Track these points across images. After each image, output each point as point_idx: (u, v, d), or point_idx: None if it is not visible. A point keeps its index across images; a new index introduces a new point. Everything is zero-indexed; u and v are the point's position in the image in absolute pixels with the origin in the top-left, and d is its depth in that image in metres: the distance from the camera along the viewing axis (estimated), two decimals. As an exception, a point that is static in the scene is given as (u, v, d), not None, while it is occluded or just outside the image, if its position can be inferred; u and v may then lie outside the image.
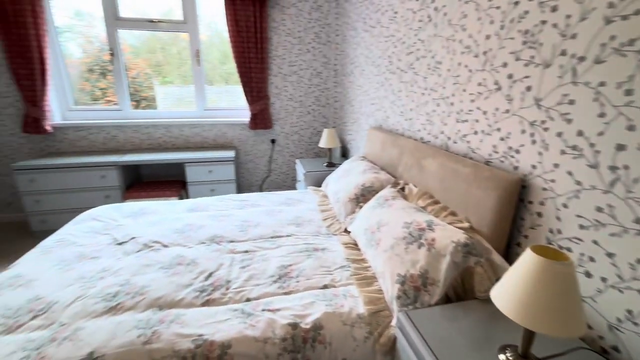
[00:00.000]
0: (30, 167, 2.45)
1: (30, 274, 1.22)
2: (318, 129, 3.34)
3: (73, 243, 1.47)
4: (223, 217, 1.74)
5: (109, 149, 2.94)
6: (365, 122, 2.48)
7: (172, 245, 1.46)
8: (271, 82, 3.10)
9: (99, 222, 1.69)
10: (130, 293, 1.11)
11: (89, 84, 3.03)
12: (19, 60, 2.50)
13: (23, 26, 2.44)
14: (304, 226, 1.66)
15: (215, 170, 2.78)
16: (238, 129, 3.16)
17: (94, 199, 2.60)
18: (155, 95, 3.19)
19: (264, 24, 2.85)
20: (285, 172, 3.40)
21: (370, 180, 1.71)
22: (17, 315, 1.01)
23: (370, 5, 2.22)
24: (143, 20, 2.84)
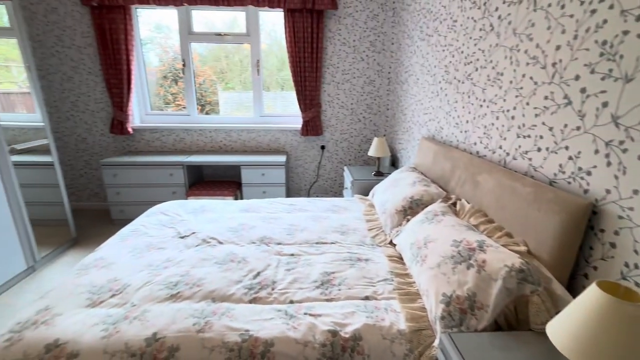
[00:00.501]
0: (114, 164, 2.83)
1: (111, 257, 1.42)
2: (368, 137, 3.33)
3: (145, 233, 1.67)
4: (272, 220, 1.84)
5: (177, 149, 3.27)
6: (417, 132, 2.42)
7: (227, 242, 1.58)
8: (324, 90, 3.19)
9: (166, 216, 1.89)
10: (189, 284, 1.23)
11: (163, 89, 3.40)
12: (111, 71, 2.92)
13: (117, 42, 2.85)
14: (349, 235, 1.67)
15: (267, 173, 2.93)
16: (290, 134, 3.30)
17: (162, 194, 2.91)
18: (218, 100, 3.47)
19: (320, 35, 2.94)
20: (333, 178, 3.45)
21: (420, 193, 1.67)
22: (100, 292, 1.19)
23: (427, 14, 2.17)
24: (211, 34, 3.12)
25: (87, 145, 3.20)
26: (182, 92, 3.31)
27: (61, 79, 3.01)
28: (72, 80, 3.02)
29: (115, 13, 2.79)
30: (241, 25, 3.13)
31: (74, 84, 3.03)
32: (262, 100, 3.29)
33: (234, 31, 3.15)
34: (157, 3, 2.77)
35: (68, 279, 1.26)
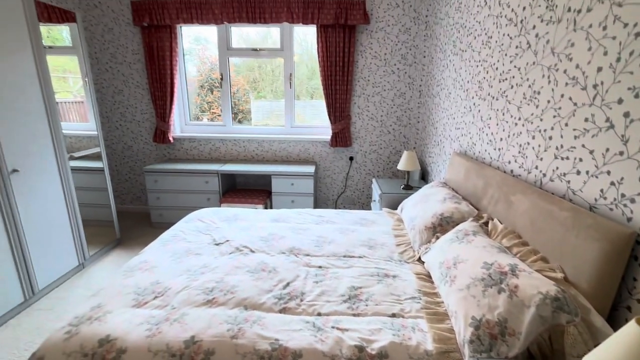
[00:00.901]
0: (156, 170, 3.04)
1: (153, 261, 1.54)
2: (397, 149, 3.32)
3: (183, 239, 1.79)
4: (301, 231, 1.89)
5: (212, 158, 3.45)
6: (448, 147, 2.39)
7: (258, 251, 1.65)
8: (354, 103, 3.23)
9: (203, 222, 2.01)
10: (223, 290, 1.30)
11: (199, 98, 3.61)
12: (156, 85, 3.15)
13: (162, 58, 3.08)
14: (376, 249, 1.69)
15: (296, 183, 3.01)
16: (319, 145, 3.36)
17: (198, 200, 3.08)
18: (251, 108, 3.63)
19: (351, 49, 3.00)
20: (361, 189, 3.47)
21: (450, 211, 1.66)
22: (144, 294, 1.29)
23: (461, 29, 2.16)
24: (248, 50, 3.28)
25: (132, 153, 3.46)
26: (217, 101, 3.50)
27: (113, 92, 3.30)
28: (122, 93, 3.30)
29: (162, 32, 3.03)
30: (275, 39, 3.27)
31: (123, 96, 3.31)
32: (293, 111, 3.40)
33: (268, 43, 3.31)
34: (200, 22, 2.98)
35: (116, 279, 1.39)
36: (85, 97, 2.70)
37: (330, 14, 2.87)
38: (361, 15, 2.87)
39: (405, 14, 2.99)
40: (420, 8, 2.95)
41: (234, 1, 2.91)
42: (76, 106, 2.89)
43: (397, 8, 2.98)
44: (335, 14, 2.87)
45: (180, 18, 2.96)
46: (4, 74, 1.83)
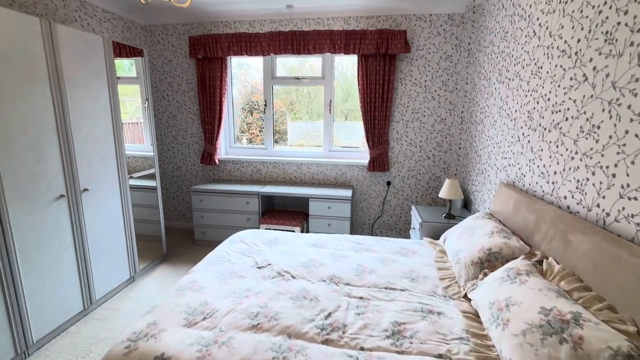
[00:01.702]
0: (201, 190, 3.22)
1: (202, 281, 1.62)
2: (437, 175, 3.25)
3: (228, 260, 1.86)
4: (340, 258, 1.90)
5: (254, 179, 3.60)
6: (494, 176, 2.31)
7: (299, 277, 1.68)
8: (392, 128, 3.25)
9: (245, 245, 2.08)
10: (267, 316, 1.34)
11: (239, 119, 3.82)
12: (206, 111, 3.40)
13: (212, 86, 3.34)
14: (419, 282, 1.64)
15: (333, 207, 3.04)
16: (357, 169, 3.39)
17: (238, 220, 3.21)
18: (287, 128, 3.77)
19: (391, 76, 3.05)
20: (398, 215, 3.41)
21: (499, 246, 1.58)
22: (194, 314, 1.36)
23: (507, 57, 2.13)
24: (291, 78, 3.46)
25: (181, 173, 3.72)
26: (256, 122, 3.71)
27: (167, 117, 3.61)
28: (175, 118, 3.59)
29: (214, 63, 3.30)
30: (312, 63, 3.43)
31: (176, 121, 3.60)
32: (331, 136, 3.48)
33: (305, 68, 3.48)
34: (249, 54, 3.21)
35: (169, 297, 1.48)
36: (142, 119, 2.98)
37: (371, 44, 2.96)
38: (402, 44, 2.93)
39: (447, 42, 3.00)
40: (462, 36, 2.96)
41: (280, 35, 3.11)
42: (132, 127, 3.18)
43: (438, 36, 3.01)
44: (377, 44, 2.95)
45: (231, 51, 3.21)
46: (84, 103, 2.09)
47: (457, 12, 2.94)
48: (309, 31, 3.06)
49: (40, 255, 1.84)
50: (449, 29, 2.98)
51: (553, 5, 1.63)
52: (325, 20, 3.14)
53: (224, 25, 3.30)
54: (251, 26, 3.26)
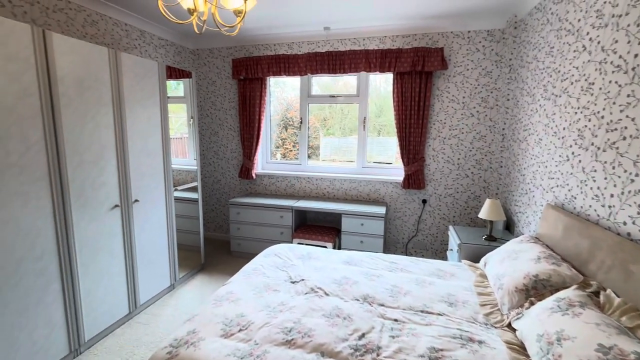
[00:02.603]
0: (239, 203, 3.35)
1: (238, 293, 1.67)
2: (476, 194, 3.12)
3: (262, 274, 1.91)
4: (374, 277, 1.87)
5: (287, 194, 3.68)
6: (540, 197, 2.17)
7: (332, 294, 1.67)
8: (429, 145, 3.19)
9: (280, 258, 2.13)
10: (301, 332, 1.34)
11: (275, 134, 3.95)
12: (246, 128, 3.58)
13: (252, 105, 3.52)
14: (458, 307, 1.57)
15: (366, 224, 3.01)
16: (391, 186, 3.35)
17: (272, 233, 3.28)
18: (320, 144, 3.83)
19: (427, 93, 3.03)
20: (434, 235, 3.29)
21: (547, 273, 1.47)
22: (230, 325, 1.40)
23: (554, 73, 2.04)
24: (326, 96, 3.55)
25: (219, 186, 3.90)
26: (290, 138, 3.82)
27: (210, 134, 3.84)
28: (217, 135, 3.81)
29: (254, 83, 3.49)
30: (346, 80, 3.49)
31: (218, 137, 3.82)
32: (365, 153, 3.49)
33: (339, 85, 3.55)
34: (287, 74, 3.35)
35: (207, 307, 1.54)
36: (187, 135, 3.20)
37: (407, 62, 2.98)
38: (439, 61, 2.91)
39: (487, 58, 2.93)
40: (503, 52, 2.88)
41: (317, 56, 3.22)
42: (176, 142, 3.42)
43: (477, 52, 2.95)
44: (413, 62, 2.96)
45: (270, 71, 3.38)
46: (139, 122, 2.30)
47: (497, 28, 2.87)
48: (345, 51, 3.15)
49: (95, 260, 2.01)
50: (488, 45, 2.92)
51: (605, 20, 1.55)
52: (361, 40, 3.21)
53: (265, 48, 3.49)
54: (290, 48, 3.42)
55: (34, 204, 1.66)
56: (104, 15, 2.63)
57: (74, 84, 1.83)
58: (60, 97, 1.76)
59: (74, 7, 2.39)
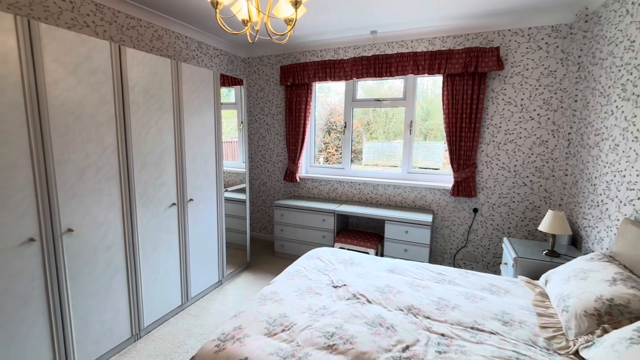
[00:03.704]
0: (283, 206, 3.44)
1: (281, 293, 1.71)
2: (536, 204, 2.85)
3: (305, 276, 1.93)
4: (419, 288, 1.79)
5: (330, 198, 3.70)
6: (615, 210, 1.92)
7: (375, 302, 1.64)
8: (481, 150, 3.00)
9: (322, 262, 2.14)
10: (343, 338, 1.33)
11: (318, 139, 3.98)
12: (291, 132, 3.67)
13: (298, 110, 3.60)
14: (513, 327, 1.44)
15: (411, 231, 2.90)
16: (438, 193, 3.20)
17: (314, 237, 3.31)
18: (362, 148, 3.78)
19: (481, 96, 2.85)
20: (485, 246, 3.07)
21: (625, 297, 1.29)
22: (274, 324, 1.44)
23: (635, 71, 1.80)
24: (371, 100, 3.51)
25: (265, 188, 4.05)
26: (332, 142, 3.83)
27: (258, 138, 4.00)
28: (265, 139, 3.96)
29: (301, 89, 3.57)
30: (391, 84, 3.41)
31: (265, 142, 3.97)
32: (411, 157, 3.38)
33: (384, 88, 3.47)
34: (332, 79, 3.39)
35: (253, 305, 1.59)
36: (237, 139, 3.37)
37: (458, 64, 2.84)
38: (494, 62, 2.73)
39: (550, 56, 2.68)
40: (570, 48, 2.61)
41: (363, 60, 3.21)
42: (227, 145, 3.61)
43: (538, 51, 2.71)
44: (464, 63, 2.81)
45: (316, 77, 3.43)
46: (195, 126, 2.48)
47: (564, 23, 2.62)
48: (392, 54, 3.09)
49: (154, 253, 2.19)
50: (552, 42, 2.67)
51: None
52: (408, 43, 3.13)
53: (311, 54, 3.56)
54: (336, 53, 3.45)
55: (107, 200, 1.87)
56: (168, 29, 2.88)
57: (142, 93, 2.03)
58: (131, 104, 1.96)
59: (144, 24, 2.66)
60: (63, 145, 1.64)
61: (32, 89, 1.50)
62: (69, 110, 1.65)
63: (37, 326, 1.59)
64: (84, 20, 2.24)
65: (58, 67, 1.59)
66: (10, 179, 1.46)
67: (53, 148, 1.60)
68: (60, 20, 2.11)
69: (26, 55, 1.48)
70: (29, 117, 1.50)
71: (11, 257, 1.48)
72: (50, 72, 1.56)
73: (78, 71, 1.68)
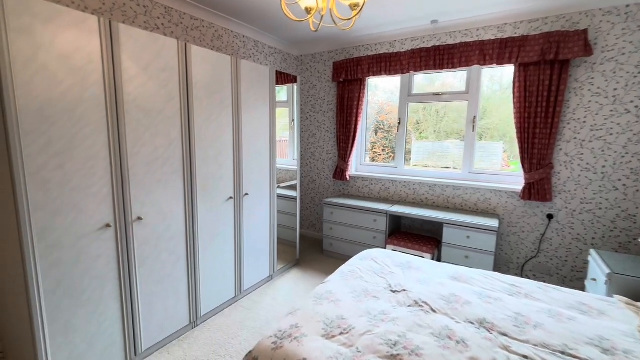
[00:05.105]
0: (333, 204, 3.38)
1: (337, 293, 1.64)
2: (630, 212, 2.43)
3: (360, 277, 1.84)
4: (490, 300, 1.60)
5: (381, 197, 3.55)
6: None
7: (440, 312, 1.49)
8: (559, 149, 2.64)
9: (377, 264, 2.02)
10: (408, 349, 1.22)
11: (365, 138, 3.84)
12: (342, 129, 3.59)
13: (350, 107, 3.51)
14: (617, 357, 1.20)
15: (473, 237, 2.66)
16: (505, 196, 2.89)
17: (364, 237, 3.20)
18: (411, 148, 3.57)
19: (561, 86, 2.51)
20: (562, 258, 2.70)
21: None
22: (331, 326, 1.37)
23: None
24: (429, 94, 3.30)
25: (314, 186, 4.02)
26: (379, 142, 3.70)
27: (308, 136, 4.00)
28: (315, 137, 3.94)
29: (353, 85, 3.48)
30: (447, 84, 3.16)
31: (315, 139, 3.94)
32: (473, 156, 3.10)
33: (437, 86, 3.22)
34: (388, 73, 3.24)
35: (309, 304, 1.54)
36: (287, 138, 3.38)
37: (534, 51, 2.52)
38: (580, 47, 2.38)
39: (655, 37, 2.27)
40: (683, 26, 2.18)
41: (422, 51, 3.02)
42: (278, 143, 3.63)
43: (639, 32, 2.31)
44: (542, 50, 2.50)
45: (370, 72, 3.32)
46: (253, 122, 2.51)
47: (676, -4, 2.19)
48: (455, 44, 2.86)
49: (212, 245, 2.26)
50: (659, 20, 2.25)
51: None
52: (474, 31, 2.87)
53: (365, 49, 3.45)
54: (391, 46, 3.30)
55: (171, 191, 1.96)
56: (227, 29, 2.98)
57: (204, 89, 2.10)
58: (194, 100, 2.03)
59: (205, 25, 2.78)
60: (135, 138, 1.74)
61: (111, 85, 1.61)
62: (141, 105, 1.75)
63: (110, 307, 1.71)
64: (155, 22, 2.39)
65: (133, 64, 1.70)
66: (92, 168, 1.57)
67: (127, 141, 1.70)
68: (134, 24, 2.27)
69: (107, 54, 1.58)
70: (109, 111, 1.61)
71: (92, 240, 1.60)
72: (126, 70, 1.67)
73: (150, 68, 1.77)
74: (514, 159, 3.09)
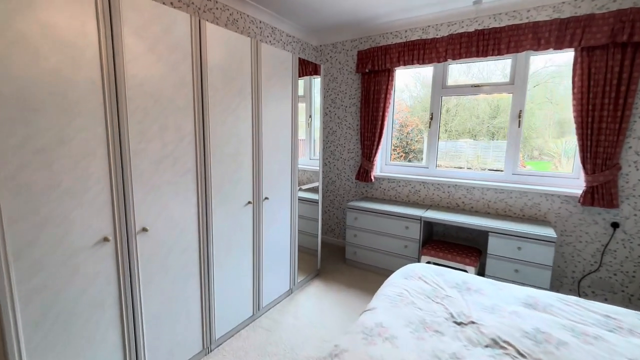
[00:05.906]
0: (357, 208, 3.04)
1: (390, 327, 1.30)
2: None
3: (411, 303, 1.51)
4: (589, 339, 1.25)
5: (410, 201, 3.21)
6: None
7: (530, 357, 1.15)
8: (629, 147, 2.27)
9: (426, 284, 1.69)
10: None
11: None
12: (367, 125, 3.25)
13: (376, 100, 3.17)
14: None
15: (526, 248, 2.30)
16: (558, 201, 2.53)
17: (394, 246, 2.86)
18: (422, 148, 3.24)
19: (634, 74, 2.14)
20: (628, 273, 2.34)
21: None
22: (394, 379, 1.04)
23: None
24: (467, 86, 2.94)
25: (334, 188, 3.69)
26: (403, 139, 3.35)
27: (327, 133, 3.66)
28: (335, 134, 3.61)
29: (380, 75, 3.14)
30: (478, 77, 2.82)
31: (335, 137, 3.61)
32: (517, 155, 2.74)
33: (469, 77, 2.87)
34: (421, 62, 2.89)
35: (357, 342, 1.21)
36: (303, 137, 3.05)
37: (602, 32, 2.16)
38: (661, 26, 2.01)
39: None
40: None
41: (463, 37, 2.67)
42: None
43: None
44: (612, 31, 2.13)
45: (400, 61, 2.97)
46: (272, 117, 2.19)
47: None
48: (502, 27, 2.50)
49: (228, 257, 1.95)
50: None
51: None
52: (523, 12, 2.51)
53: (394, 36, 3.11)
54: (424, 32, 2.95)
55: (183, 196, 1.64)
56: (243, 13, 2.66)
57: (220, 75, 1.78)
58: (209, 88, 1.72)
59: (220, 7, 2.46)
60: (140, 132, 1.43)
61: (110, 65, 1.30)
62: (148, 91, 1.44)
63: (110, 333, 1.40)
64: (163, 1, 2.08)
65: (137, 41, 1.38)
66: (87, 169, 1.27)
67: (130, 135, 1.39)
68: (140, 1, 1.95)
69: (105, 27, 1.27)
70: (106, 98, 1.30)
71: (86, 257, 1.29)
72: (129, 47, 1.35)
73: (157, 47, 1.46)
74: (528, 159, 2.82)
